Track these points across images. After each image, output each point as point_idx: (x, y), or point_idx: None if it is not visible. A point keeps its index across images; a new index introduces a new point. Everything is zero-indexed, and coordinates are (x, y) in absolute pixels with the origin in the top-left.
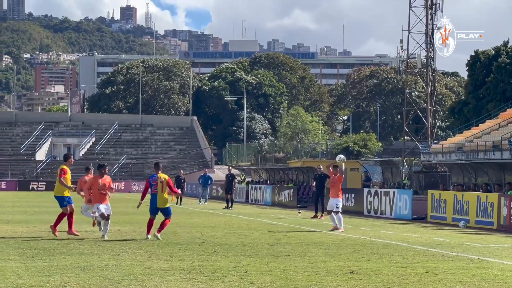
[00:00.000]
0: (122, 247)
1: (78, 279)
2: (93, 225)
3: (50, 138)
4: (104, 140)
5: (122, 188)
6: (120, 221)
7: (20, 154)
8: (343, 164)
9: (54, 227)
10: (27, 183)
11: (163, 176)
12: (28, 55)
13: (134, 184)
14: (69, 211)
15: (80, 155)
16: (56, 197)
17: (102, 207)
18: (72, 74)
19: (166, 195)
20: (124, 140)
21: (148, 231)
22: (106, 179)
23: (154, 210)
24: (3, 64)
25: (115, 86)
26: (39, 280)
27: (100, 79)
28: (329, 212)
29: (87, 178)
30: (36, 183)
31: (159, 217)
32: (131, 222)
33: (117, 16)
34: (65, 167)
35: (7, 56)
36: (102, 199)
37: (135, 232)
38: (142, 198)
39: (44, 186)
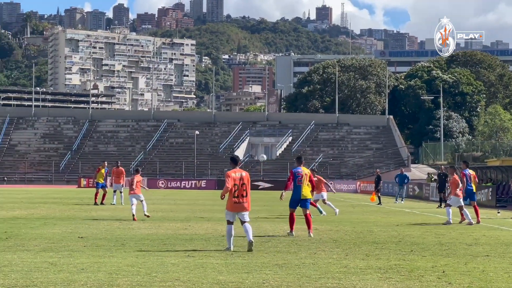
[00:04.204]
0: (318, 246)
1: (276, 277)
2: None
3: (248, 137)
4: (301, 139)
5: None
6: (316, 220)
7: (219, 153)
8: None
9: None
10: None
11: (305, 169)
12: (226, 56)
13: (331, 183)
14: None
15: (277, 154)
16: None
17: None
18: (269, 74)
19: (309, 188)
20: (321, 139)
21: (292, 228)
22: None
23: (294, 202)
24: (203, 65)
25: (312, 86)
26: (238, 276)
27: (297, 78)
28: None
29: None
30: None
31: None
32: (327, 220)
33: (313, 16)
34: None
35: (206, 57)
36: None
37: (332, 231)
38: (285, 189)
39: None
